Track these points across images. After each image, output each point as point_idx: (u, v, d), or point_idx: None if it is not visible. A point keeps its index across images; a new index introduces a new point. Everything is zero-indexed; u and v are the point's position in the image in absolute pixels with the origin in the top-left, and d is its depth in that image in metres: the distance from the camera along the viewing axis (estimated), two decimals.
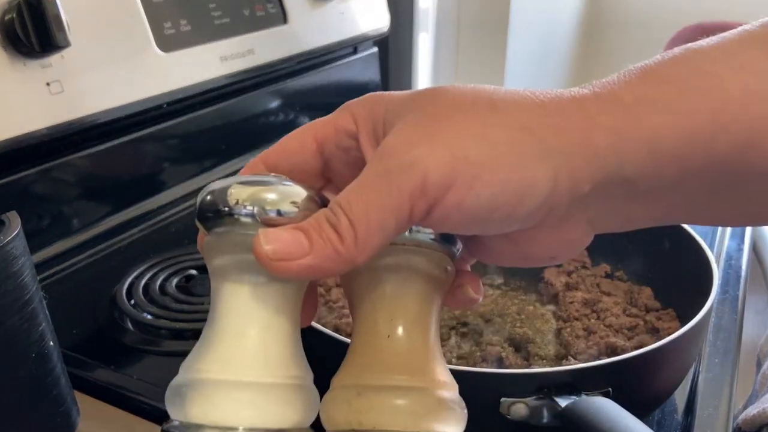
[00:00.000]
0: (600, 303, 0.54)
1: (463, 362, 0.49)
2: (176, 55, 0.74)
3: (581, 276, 0.58)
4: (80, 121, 0.64)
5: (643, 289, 0.55)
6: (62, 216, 0.66)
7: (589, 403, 0.35)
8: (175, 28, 0.75)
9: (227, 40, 0.81)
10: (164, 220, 0.74)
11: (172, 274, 0.61)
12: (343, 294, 0.54)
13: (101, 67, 0.66)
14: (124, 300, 0.57)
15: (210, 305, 0.30)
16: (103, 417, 0.46)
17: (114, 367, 0.50)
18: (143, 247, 0.69)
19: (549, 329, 0.53)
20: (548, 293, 0.57)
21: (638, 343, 0.47)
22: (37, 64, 0.60)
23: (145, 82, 0.70)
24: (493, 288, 0.59)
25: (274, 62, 0.88)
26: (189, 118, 0.80)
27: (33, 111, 0.59)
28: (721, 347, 0.53)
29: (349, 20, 1.04)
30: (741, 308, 0.59)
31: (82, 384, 0.48)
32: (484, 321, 0.53)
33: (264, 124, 0.93)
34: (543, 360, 0.49)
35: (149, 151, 0.75)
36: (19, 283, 0.38)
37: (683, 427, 0.45)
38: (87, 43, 0.64)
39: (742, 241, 0.70)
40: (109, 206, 0.71)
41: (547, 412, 0.36)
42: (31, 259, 0.39)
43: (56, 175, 0.65)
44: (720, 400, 0.47)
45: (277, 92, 0.94)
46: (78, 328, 0.55)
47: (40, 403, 0.40)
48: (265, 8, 0.88)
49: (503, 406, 0.36)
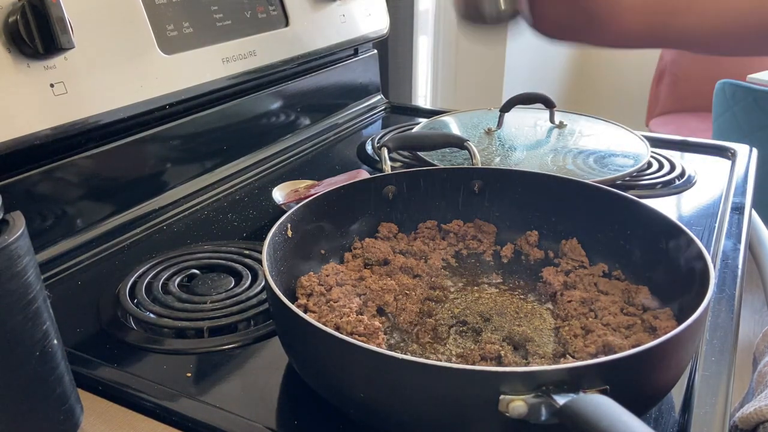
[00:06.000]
0: (598, 302, 0.54)
1: (462, 360, 0.49)
2: (178, 57, 0.75)
3: (579, 275, 0.58)
4: (84, 122, 0.64)
5: (641, 288, 0.55)
6: (66, 216, 0.67)
7: (587, 401, 0.35)
8: (178, 31, 0.75)
9: (229, 42, 0.82)
10: (167, 219, 0.75)
11: (174, 273, 0.62)
12: (343, 293, 0.54)
13: (104, 69, 0.66)
14: (127, 299, 0.58)
15: None
16: (106, 415, 0.46)
17: (117, 365, 0.50)
18: (146, 246, 0.69)
19: (547, 328, 0.53)
20: (546, 292, 0.58)
21: (636, 342, 0.48)
22: (40, 66, 0.60)
23: (147, 84, 0.71)
24: (491, 287, 0.60)
25: (275, 64, 0.88)
26: (191, 119, 0.80)
27: (37, 112, 0.60)
28: (718, 346, 0.53)
29: (350, 22, 1.04)
30: (737, 307, 0.59)
31: (85, 382, 0.48)
32: (482, 320, 0.54)
33: (265, 124, 0.94)
34: (541, 358, 0.49)
35: (152, 152, 0.76)
36: (23, 282, 0.38)
37: (680, 425, 0.46)
38: (90, 45, 0.65)
39: (738, 241, 0.70)
40: (112, 206, 0.72)
41: (546, 410, 0.36)
42: (35, 259, 0.40)
43: (60, 175, 0.65)
44: (716, 398, 0.47)
45: (279, 93, 0.95)
46: (81, 326, 0.55)
47: (44, 401, 0.41)
48: (267, 10, 0.89)
49: (502, 404, 0.36)
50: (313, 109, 1.03)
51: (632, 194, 0.59)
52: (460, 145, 0.75)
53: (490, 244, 0.65)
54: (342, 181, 0.73)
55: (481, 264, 0.63)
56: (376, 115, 1.15)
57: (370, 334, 0.48)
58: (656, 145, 0.95)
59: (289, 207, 0.69)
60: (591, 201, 0.60)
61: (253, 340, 0.53)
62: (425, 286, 0.58)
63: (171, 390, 0.47)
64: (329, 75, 1.05)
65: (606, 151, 0.88)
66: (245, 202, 0.80)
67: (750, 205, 0.80)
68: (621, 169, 0.82)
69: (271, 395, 0.48)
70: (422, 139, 0.78)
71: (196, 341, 0.53)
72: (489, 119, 0.99)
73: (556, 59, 2.76)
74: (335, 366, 0.41)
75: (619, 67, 2.98)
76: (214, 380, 0.49)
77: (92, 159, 0.69)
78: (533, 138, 0.94)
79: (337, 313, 0.50)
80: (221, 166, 0.86)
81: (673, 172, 0.87)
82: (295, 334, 0.44)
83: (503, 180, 0.65)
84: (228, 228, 0.73)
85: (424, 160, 0.87)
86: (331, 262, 0.60)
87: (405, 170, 0.66)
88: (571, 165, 0.84)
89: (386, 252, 0.61)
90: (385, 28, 1.14)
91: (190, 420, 0.45)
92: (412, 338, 0.53)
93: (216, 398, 0.47)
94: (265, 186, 0.84)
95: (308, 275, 0.56)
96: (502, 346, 0.49)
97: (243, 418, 0.45)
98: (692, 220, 0.75)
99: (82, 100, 0.64)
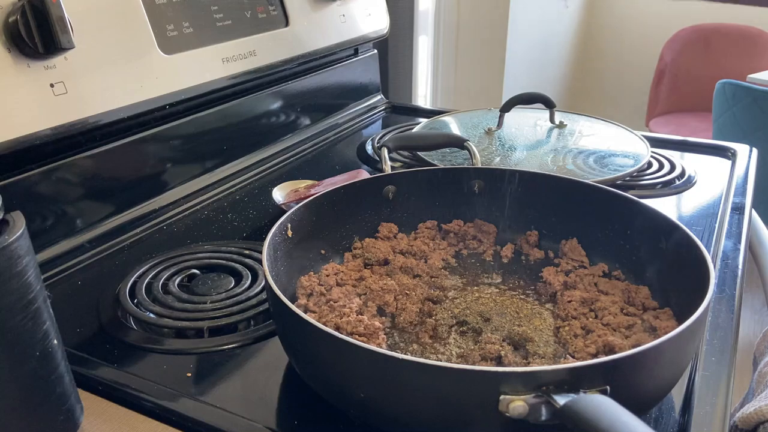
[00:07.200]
0: (598, 302, 0.54)
1: (462, 360, 0.49)
2: (178, 57, 0.75)
3: (579, 275, 0.58)
4: (84, 121, 0.64)
5: (641, 288, 0.55)
6: (66, 216, 0.67)
7: (587, 401, 0.35)
8: (178, 31, 0.75)
9: (229, 42, 0.82)
10: (167, 219, 0.75)
11: (174, 273, 0.62)
12: (343, 293, 0.54)
13: (104, 69, 0.66)
14: (127, 299, 0.58)
15: None
16: (106, 415, 0.46)
17: (117, 365, 0.50)
18: (146, 246, 0.69)
19: (547, 328, 0.53)
20: (546, 292, 0.58)
21: (636, 342, 0.48)
22: (41, 66, 0.60)
23: (147, 84, 0.71)
24: (491, 287, 0.60)
25: (275, 64, 0.88)
26: (191, 119, 0.80)
27: (37, 112, 0.60)
28: (718, 346, 0.53)
29: (350, 22, 1.04)
30: (737, 307, 0.59)
31: (85, 382, 0.48)
32: (483, 320, 0.54)
33: (265, 125, 0.94)
34: (541, 358, 0.49)
35: (152, 152, 0.76)
36: (23, 282, 0.38)
37: (680, 425, 0.46)
38: (90, 45, 0.65)
39: (738, 241, 0.70)
40: (112, 206, 0.72)
41: (546, 410, 0.36)
42: (36, 259, 0.40)
43: (60, 175, 0.65)
44: (717, 398, 0.47)
45: (279, 93, 0.95)
46: (82, 326, 0.55)
47: (44, 401, 0.41)
48: (267, 10, 0.89)
49: (502, 404, 0.36)
50: (313, 109, 1.03)
51: (632, 194, 0.59)
52: (460, 145, 0.75)
53: (490, 244, 0.65)
54: (342, 181, 0.73)
55: (481, 264, 0.63)
56: (376, 115, 1.15)
57: (370, 334, 0.48)
58: (656, 145, 0.95)
59: (289, 207, 0.69)
60: (591, 201, 0.60)
61: (253, 340, 0.53)
62: (425, 286, 0.58)
63: (171, 390, 0.47)
64: (329, 75, 1.05)
65: (606, 151, 0.88)
66: (245, 202, 0.80)
67: (750, 205, 0.80)
68: (621, 169, 0.82)
69: (271, 395, 0.48)
70: (422, 139, 0.79)
71: (196, 341, 0.53)
72: (489, 119, 0.99)
73: (556, 59, 2.76)
74: (335, 366, 0.41)
75: (619, 67, 2.98)
76: (214, 380, 0.49)
77: (92, 159, 0.69)
78: (533, 138, 0.94)
79: (337, 313, 0.50)
80: (221, 166, 0.86)
81: (673, 172, 0.87)
82: (295, 334, 0.44)
83: (503, 180, 0.65)
84: (228, 228, 0.73)
85: (424, 160, 0.87)
86: (331, 262, 0.60)
87: (405, 170, 0.66)
88: (571, 165, 0.84)
89: (386, 252, 0.61)
90: (385, 28, 1.14)
91: (190, 420, 0.45)
92: (412, 338, 0.53)
93: (216, 398, 0.47)
94: (265, 186, 0.84)
95: (308, 275, 0.56)
96: (502, 346, 0.49)
97: (243, 418, 0.45)
98: (692, 220, 0.75)
99: (82, 100, 0.64)
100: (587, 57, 2.99)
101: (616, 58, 2.97)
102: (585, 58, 2.99)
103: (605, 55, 2.98)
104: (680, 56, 2.70)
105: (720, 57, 2.66)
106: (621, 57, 2.96)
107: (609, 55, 2.98)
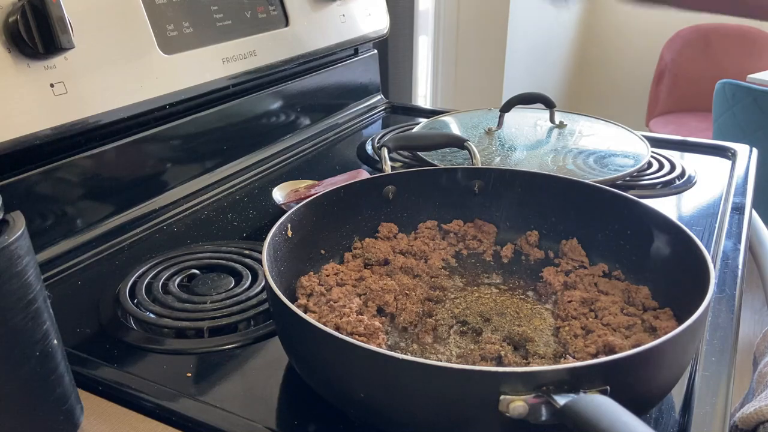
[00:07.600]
0: (598, 302, 0.54)
1: (462, 361, 0.49)
2: (178, 57, 0.75)
3: (579, 275, 0.58)
4: (84, 121, 0.64)
5: (641, 288, 0.55)
6: (66, 216, 0.67)
7: (588, 401, 0.35)
8: (178, 31, 0.75)
9: (229, 42, 0.82)
10: (167, 219, 0.75)
11: (174, 273, 0.62)
12: (343, 293, 0.54)
13: (104, 69, 0.66)
14: (127, 299, 0.58)
15: None
16: (106, 415, 0.46)
17: (117, 365, 0.50)
18: (146, 246, 0.69)
19: (547, 328, 0.53)
20: (546, 292, 0.58)
21: (636, 342, 0.48)
22: (41, 66, 0.60)
23: (147, 84, 0.71)
24: (491, 287, 0.60)
25: (275, 64, 0.88)
26: (191, 120, 0.80)
27: (37, 112, 0.60)
28: (718, 346, 0.53)
29: (350, 22, 1.04)
30: (737, 307, 0.59)
31: (85, 382, 0.48)
32: (483, 320, 0.54)
33: (265, 125, 0.94)
34: (541, 358, 0.49)
35: (152, 152, 0.76)
36: (23, 283, 0.38)
37: (680, 425, 0.46)
38: (90, 45, 0.65)
39: (738, 241, 0.70)
40: (112, 206, 0.72)
41: (546, 410, 0.36)
42: (36, 259, 0.40)
43: (60, 175, 0.65)
44: (717, 398, 0.47)
45: (279, 93, 0.95)
46: (82, 326, 0.55)
47: (44, 401, 0.41)
48: (267, 10, 0.89)
49: (502, 404, 0.36)
50: (313, 109, 1.03)
51: (632, 194, 0.59)
52: (460, 145, 0.75)
53: (490, 244, 0.65)
54: (342, 181, 0.73)
55: (481, 264, 0.63)
56: (376, 115, 1.15)
57: (370, 334, 0.48)
58: (656, 145, 0.95)
59: (289, 207, 0.69)
60: (591, 201, 0.60)
61: (253, 340, 0.53)
62: (425, 286, 0.57)
63: (171, 390, 0.47)
64: (329, 75, 1.05)
65: (606, 151, 0.88)
66: (245, 202, 0.80)
67: (750, 205, 0.80)
68: (621, 169, 0.82)
69: (271, 395, 0.48)
70: (422, 139, 0.79)
71: (196, 341, 0.53)
72: (489, 119, 0.99)
73: (556, 59, 2.76)
74: (335, 366, 0.41)
75: (619, 67, 2.98)
76: (214, 380, 0.49)
77: (92, 159, 0.69)
78: (533, 138, 0.94)
79: (337, 313, 0.50)
80: (221, 166, 0.86)
81: (673, 172, 0.87)
82: (295, 334, 0.44)
83: (503, 180, 0.65)
84: (228, 228, 0.73)
85: (424, 160, 0.87)
86: (331, 262, 0.60)
87: (405, 170, 0.66)
88: (571, 165, 0.84)
89: (386, 252, 0.61)
90: (385, 28, 1.14)
91: (190, 420, 0.45)
92: (412, 338, 0.53)
93: (216, 398, 0.47)
94: (265, 186, 0.84)
95: (308, 275, 0.56)
96: (502, 346, 0.49)
97: (243, 418, 0.45)
98: (692, 220, 0.75)
99: (82, 100, 0.64)
100: (587, 57, 2.99)
101: (616, 58, 2.97)
102: (585, 58, 2.99)
103: (605, 55, 2.98)
104: (680, 56, 2.70)
105: (720, 57, 2.66)
106: (621, 57, 2.96)
107: (609, 55, 2.98)
